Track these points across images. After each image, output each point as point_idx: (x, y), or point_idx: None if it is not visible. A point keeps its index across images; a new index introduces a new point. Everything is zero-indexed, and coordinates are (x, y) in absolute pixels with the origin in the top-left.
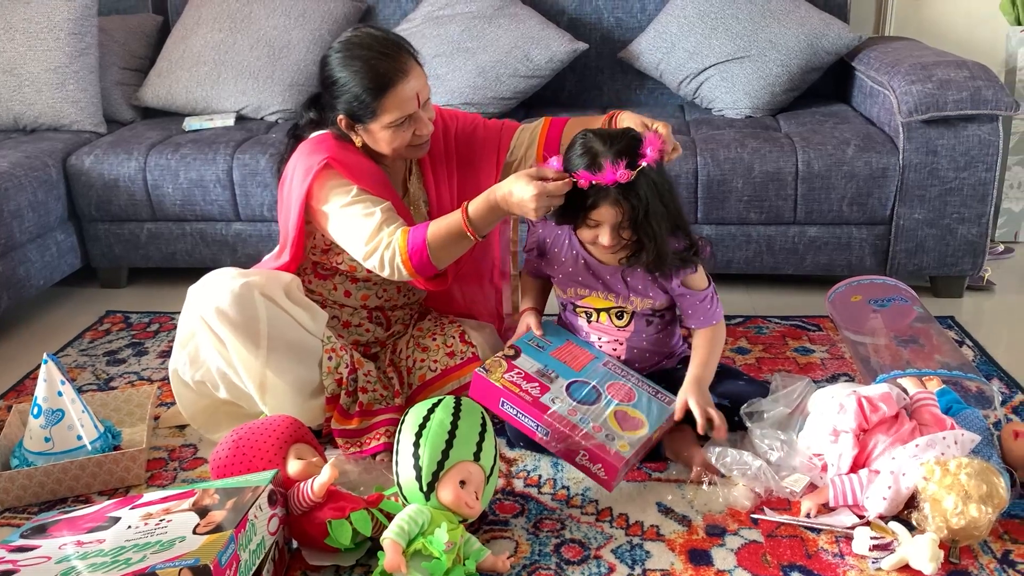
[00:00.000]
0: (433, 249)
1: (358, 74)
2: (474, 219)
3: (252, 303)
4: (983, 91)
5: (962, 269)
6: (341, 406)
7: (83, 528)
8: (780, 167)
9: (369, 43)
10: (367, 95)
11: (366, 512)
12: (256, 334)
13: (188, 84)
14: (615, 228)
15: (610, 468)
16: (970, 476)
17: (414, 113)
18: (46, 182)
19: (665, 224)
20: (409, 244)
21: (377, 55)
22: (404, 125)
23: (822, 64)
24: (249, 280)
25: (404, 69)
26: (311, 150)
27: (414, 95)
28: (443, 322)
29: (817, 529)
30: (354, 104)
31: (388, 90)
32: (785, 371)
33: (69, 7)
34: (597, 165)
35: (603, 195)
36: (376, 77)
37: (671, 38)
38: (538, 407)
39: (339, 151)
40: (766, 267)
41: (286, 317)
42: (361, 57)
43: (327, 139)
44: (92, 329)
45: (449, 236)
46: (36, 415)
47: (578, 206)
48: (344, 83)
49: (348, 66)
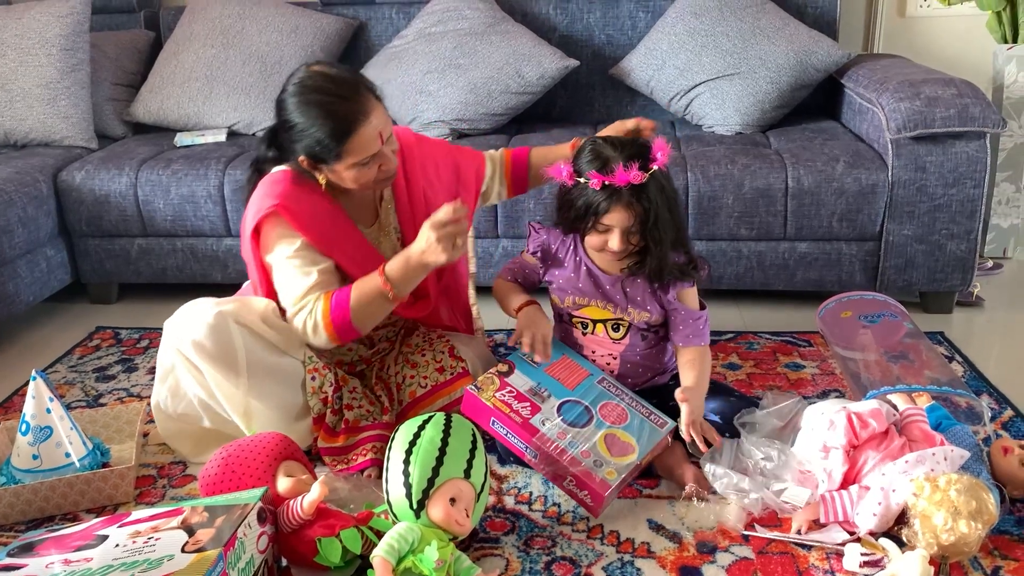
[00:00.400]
0: (355, 314)
1: (318, 119)
2: (393, 280)
3: (228, 332)
4: (970, 108)
5: (951, 285)
6: (327, 424)
7: (71, 546)
8: (770, 183)
9: (326, 86)
10: (329, 139)
11: (356, 530)
12: (235, 363)
13: (180, 100)
14: (625, 232)
15: (596, 496)
16: (960, 492)
17: (378, 151)
18: (36, 197)
19: (670, 232)
20: (331, 310)
21: (336, 98)
22: (369, 164)
23: (811, 81)
24: (222, 309)
25: (365, 110)
26: (265, 192)
27: (376, 134)
28: (431, 337)
29: (808, 545)
30: (316, 148)
31: (351, 134)
32: (776, 387)
33: (61, 23)
34: (609, 168)
35: (616, 198)
36: (337, 121)
37: (661, 55)
38: (528, 429)
39: (293, 193)
40: (757, 283)
41: (264, 342)
42: (319, 102)
43: (285, 178)
44: (82, 345)
45: (371, 300)
46: (24, 432)
47: (588, 211)
48: (304, 128)
49: (307, 111)
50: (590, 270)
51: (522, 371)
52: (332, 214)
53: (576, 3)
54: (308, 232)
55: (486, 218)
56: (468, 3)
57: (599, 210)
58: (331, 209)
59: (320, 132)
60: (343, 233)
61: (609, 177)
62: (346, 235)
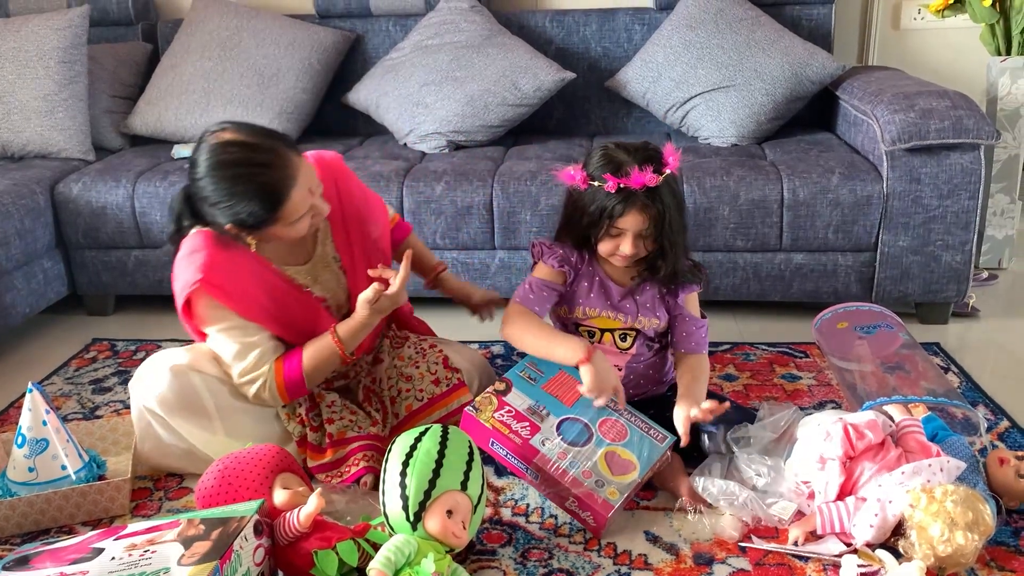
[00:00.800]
0: (309, 377)
1: (245, 194)
2: (345, 339)
3: (190, 383)
4: (965, 120)
5: (947, 296)
6: (311, 443)
7: (66, 560)
8: (766, 195)
9: (244, 156)
10: (260, 211)
11: (352, 542)
12: (204, 410)
13: (177, 112)
14: (638, 236)
15: (599, 517)
16: (956, 503)
17: (310, 206)
18: (33, 209)
19: (682, 235)
20: (285, 381)
21: (258, 168)
22: (301, 220)
23: (806, 93)
24: (178, 363)
25: (292, 174)
26: (187, 263)
27: (307, 192)
28: (424, 348)
29: (805, 557)
30: (246, 220)
31: (282, 203)
32: (772, 398)
33: (59, 36)
34: (623, 172)
35: (631, 202)
36: (266, 193)
37: (657, 67)
38: (528, 450)
39: (216, 261)
40: (753, 294)
41: (228, 384)
42: (242, 176)
43: (206, 243)
44: (78, 357)
45: (323, 360)
46: (20, 445)
47: (602, 216)
48: (229, 203)
49: (229, 186)
50: (603, 282)
51: (520, 389)
52: (260, 275)
53: (572, 16)
54: (237, 305)
55: (482, 230)
56: (465, 16)
57: (614, 213)
58: (259, 269)
59: (249, 206)
60: (274, 293)
61: (624, 180)
62: (278, 295)
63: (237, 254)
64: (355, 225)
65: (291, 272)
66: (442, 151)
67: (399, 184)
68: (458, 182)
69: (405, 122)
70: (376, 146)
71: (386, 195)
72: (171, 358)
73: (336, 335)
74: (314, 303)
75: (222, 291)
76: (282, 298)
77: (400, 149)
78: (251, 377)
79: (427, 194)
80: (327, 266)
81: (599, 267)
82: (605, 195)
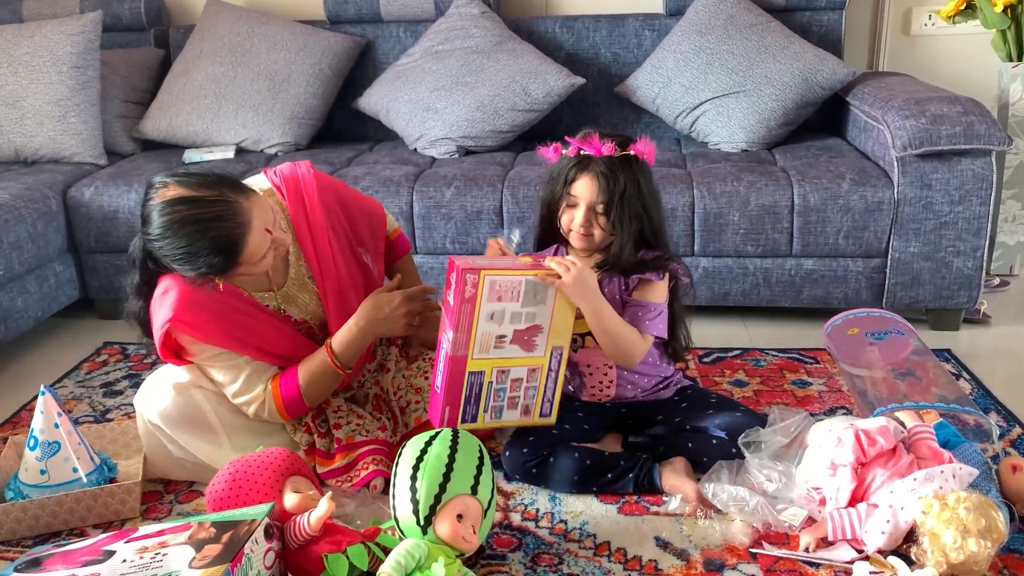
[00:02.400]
0: (308, 396)
1: (201, 251)
2: (340, 355)
3: (192, 399)
4: (976, 126)
5: (958, 302)
6: (320, 450)
7: (78, 562)
8: (776, 200)
9: (192, 213)
10: (220, 262)
11: (363, 546)
12: (210, 427)
13: (189, 117)
14: (591, 208)
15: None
16: (969, 510)
17: (270, 245)
18: (46, 214)
19: (636, 221)
20: (283, 400)
21: (210, 224)
22: (264, 258)
23: (817, 99)
24: (179, 381)
25: (244, 220)
26: (160, 303)
27: (264, 234)
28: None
29: (816, 563)
30: (207, 271)
31: (240, 251)
32: (783, 404)
33: (72, 41)
34: (587, 139)
35: (585, 168)
36: (222, 247)
37: (667, 73)
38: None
39: (187, 300)
40: (763, 300)
41: (229, 400)
42: (195, 234)
43: (177, 281)
44: (89, 360)
45: (321, 378)
46: (32, 447)
47: (560, 181)
48: (187, 261)
49: (185, 245)
50: None
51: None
52: (235, 307)
53: (582, 21)
54: (212, 339)
55: (492, 234)
56: (475, 21)
57: (567, 178)
58: (232, 302)
59: (207, 260)
60: (251, 324)
61: (582, 143)
62: (255, 324)
63: (209, 290)
64: (324, 244)
65: (267, 299)
66: (452, 156)
67: (409, 189)
68: (468, 187)
69: (415, 127)
70: (386, 151)
71: (396, 200)
72: (173, 376)
73: (330, 348)
74: (292, 328)
75: (195, 329)
76: (260, 327)
77: (410, 154)
78: (247, 399)
79: (437, 199)
80: (303, 287)
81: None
82: (567, 162)
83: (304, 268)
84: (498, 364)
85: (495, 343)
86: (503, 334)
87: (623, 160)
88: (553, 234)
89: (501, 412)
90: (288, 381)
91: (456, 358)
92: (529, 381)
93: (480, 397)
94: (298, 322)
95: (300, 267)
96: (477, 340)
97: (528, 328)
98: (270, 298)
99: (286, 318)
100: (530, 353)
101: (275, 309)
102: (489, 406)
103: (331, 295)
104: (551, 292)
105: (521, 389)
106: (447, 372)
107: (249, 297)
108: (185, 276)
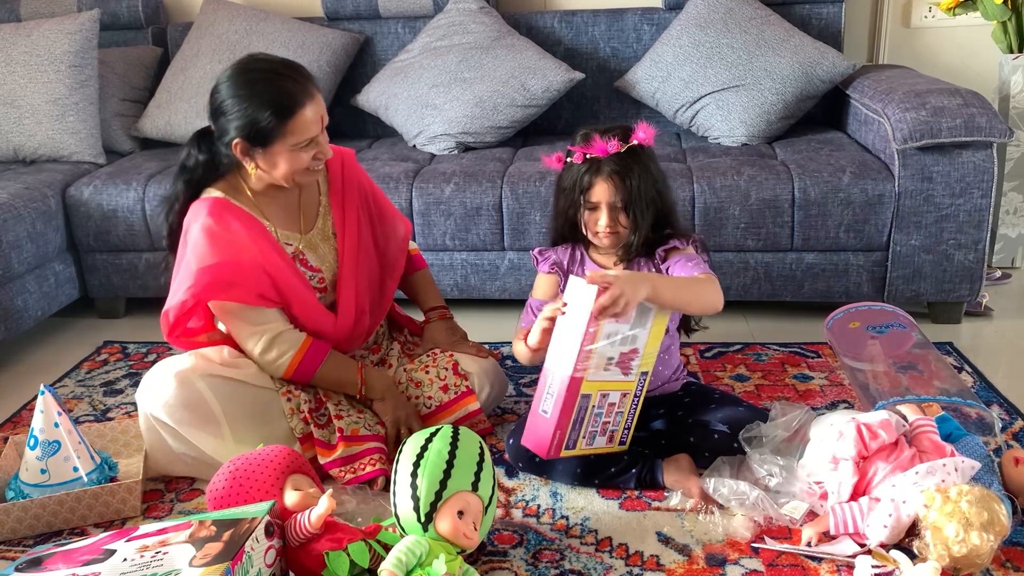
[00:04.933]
0: (318, 379)
1: (262, 96)
2: (368, 382)
3: (195, 389)
4: (977, 118)
5: (960, 295)
6: (319, 440)
7: (78, 561)
8: (776, 194)
9: (268, 66)
10: (272, 117)
11: (364, 543)
12: (212, 417)
13: (187, 115)
14: (611, 208)
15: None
16: (971, 503)
17: (316, 136)
18: (45, 213)
19: (652, 208)
20: (299, 364)
21: (279, 76)
22: (306, 147)
23: (817, 92)
24: (182, 369)
25: (308, 91)
26: (191, 253)
27: (319, 117)
28: (435, 352)
29: (818, 558)
30: (256, 126)
31: (295, 112)
32: (784, 398)
33: (70, 40)
34: (588, 143)
35: (597, 171)
36: (281, 98)
37: (667, 67)
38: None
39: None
40: (764, 294)
41: (232, 384)
42: (260, 79)
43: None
44: (90, 360)
45: (337, 382)
46: (32, 447)
47: (576, 190)
48: (243, 107)
49: (249, 89)
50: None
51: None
52: (256, 244)
53: (581, 16)
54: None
55: (492, 231)
56: (473, 17)
57: (584, 185)
58: (255, 237)
59: (262, 110)
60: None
61: (586, 148)
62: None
63: (237, 217)
64: (353, 215)
65: (291, 240)
66: (451, 152)
67: (408, 186)
68: (467, 183)
69: (414, 124)
70: (385, 148)
71: (395, 197)
72: (176, 364)
73: (363, 374)
74: (304, 283)
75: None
76: (274, 271)
77: (409, 151)
78: (272, 355)
79: (436, 195)
80: (326, 239)
81: (590, 261)
82: (577, 170)
83: (331, 224)
84: (602, 388)
85: (605, 365)
86: (612, 356)
87: (630, 152)
88: (575, 237)
89: (594, 438)
90: (312, 357)
91: (575, 379)
92: (619, 406)
93: (583, 422)
94: (313, 269)
95: (328, 221)
96: (594, 361)
97: (629, 351)
98: (295, 239)
99: (303, 262)
100: (626, 377)
101: (295, 253)
102: (587, 431)
103: (348, 261)
104: (651, 315)
105: (612, 414)
106: (565, 394)
107: (275, 239)
108: (224, 158)
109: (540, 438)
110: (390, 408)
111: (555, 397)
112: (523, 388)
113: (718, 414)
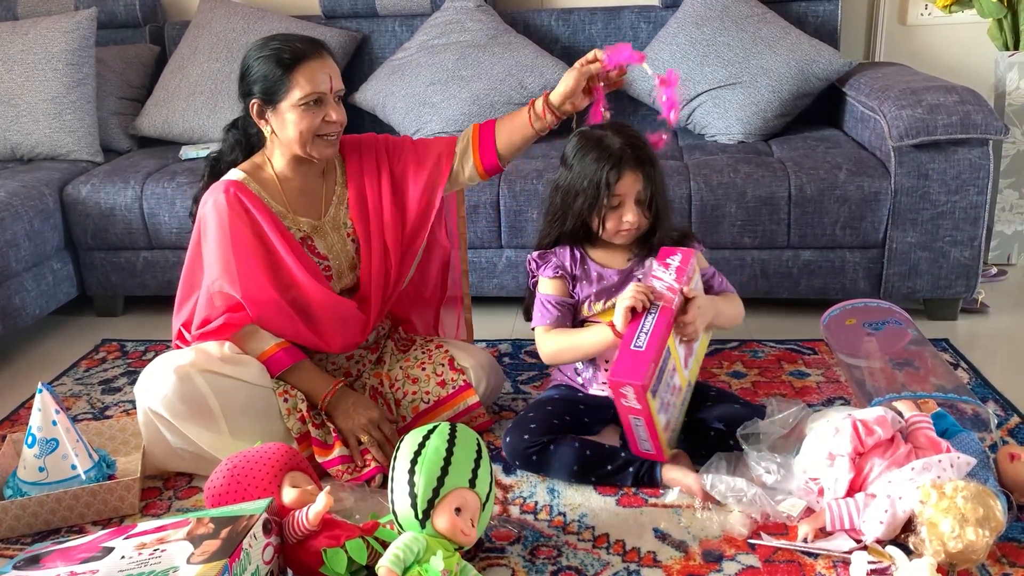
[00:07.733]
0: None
1: (274, 54)
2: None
3: (194, 384)
4: (972, 115)
5: (956, 292)
6: (316, 439)
7: (76, 559)
8: (773, 192)
9: (287, 36)
10: (279, 68)
11: (361, 540)
12: (210, 413)
13: (185, 113)
14: (637, 202)
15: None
16: (967, 499)
17: (325, 96)
18: (43, 211)
19: (663, 198)
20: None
21: (294, 39)
22: (314, 107)
23: (813, 90)
24: (181, 363)
25: (319, 53)
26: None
27: (327, 76)
28: (430, 348)
29: (814, 554)
30: (266, 81)
31: (300, 63)
32: (780, 395)
33: (67, 38)
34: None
35: (623, 164)
36: (289, 53)
37: (664, 65)
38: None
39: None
40: (760, 291)
41: (231, 382)
42: (277, 41)
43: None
44: (88, 358)
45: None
46: (30, 445)
47: (599, 187)
48: (258, 66)
49: (264, 50)
50: (600, 274)
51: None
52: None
53: (578, 14)
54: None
55: (489, 228)
56: (470, 15)
57: (610, 180)
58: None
59: (272, 64)
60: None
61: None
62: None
63: (252, 215)
64: (375, 202)
65: (302, 224)
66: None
67: None
68: None
69: (412, 122)
70: None
71: None
72: (175, 359)
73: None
74: (314, 264)
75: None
76: (282, 260)
77: None
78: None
79: None
80: (336, 229)
81: (591, 261)
82: (596, 167)
83: (345, 213)
84: (675, 357)
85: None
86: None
87: (645, 145)
88: (574, 238)
89: (663, 408)
90: (285, 358)
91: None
92: (676, 397)
93: (662, 376)
94: (320, 256)
95: (341, 211)
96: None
97: (687, 353)
98: (306, 224)
99: (311, 248)
100: (685, 372)
101: (303, 239)
102: (662, 392)
103: (375, 252)
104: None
105: (673, 397)
106: (660, 323)
107: (285, 227)
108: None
109: (636, 367)
110: (342, 420)
111: (649, 333)
112: (520, 385)
113: (715, 411)
